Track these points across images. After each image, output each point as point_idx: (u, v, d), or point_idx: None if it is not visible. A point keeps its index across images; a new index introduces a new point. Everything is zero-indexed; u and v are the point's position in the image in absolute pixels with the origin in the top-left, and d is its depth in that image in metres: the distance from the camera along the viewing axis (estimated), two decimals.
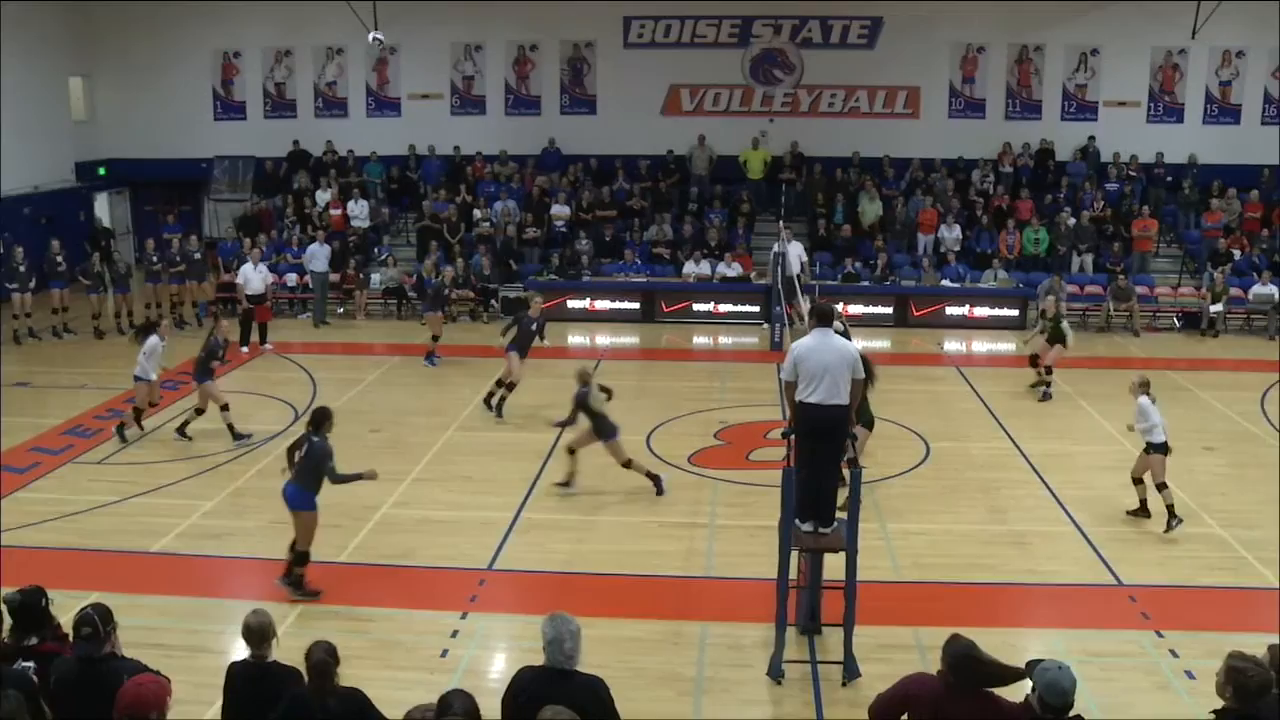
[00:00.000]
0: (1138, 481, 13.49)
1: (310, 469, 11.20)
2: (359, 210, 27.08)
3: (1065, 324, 19.22)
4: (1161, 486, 13.01)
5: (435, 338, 20.95)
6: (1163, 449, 13.13)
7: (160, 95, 29.60)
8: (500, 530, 13.08)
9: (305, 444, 11.30)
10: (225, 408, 16.19)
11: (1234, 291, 24.85)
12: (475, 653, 10.25)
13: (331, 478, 11.26)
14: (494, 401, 17.59)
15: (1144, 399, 13.22)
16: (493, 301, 25.13)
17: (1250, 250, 26.36)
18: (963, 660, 6.14)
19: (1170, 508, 12.93)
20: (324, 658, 6.35)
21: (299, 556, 11.24)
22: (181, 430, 16.30)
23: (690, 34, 29.04)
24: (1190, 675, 9.75)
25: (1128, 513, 13.56)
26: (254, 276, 21.96)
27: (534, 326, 17.67)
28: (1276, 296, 24.61)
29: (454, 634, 10.53)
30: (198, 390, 16.29)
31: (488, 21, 29.04)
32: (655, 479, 14.24)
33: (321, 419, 11.45)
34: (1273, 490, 14.54)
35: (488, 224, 26.78)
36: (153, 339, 16.22)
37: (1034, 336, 19.81)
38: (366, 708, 6.43)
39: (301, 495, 11.20)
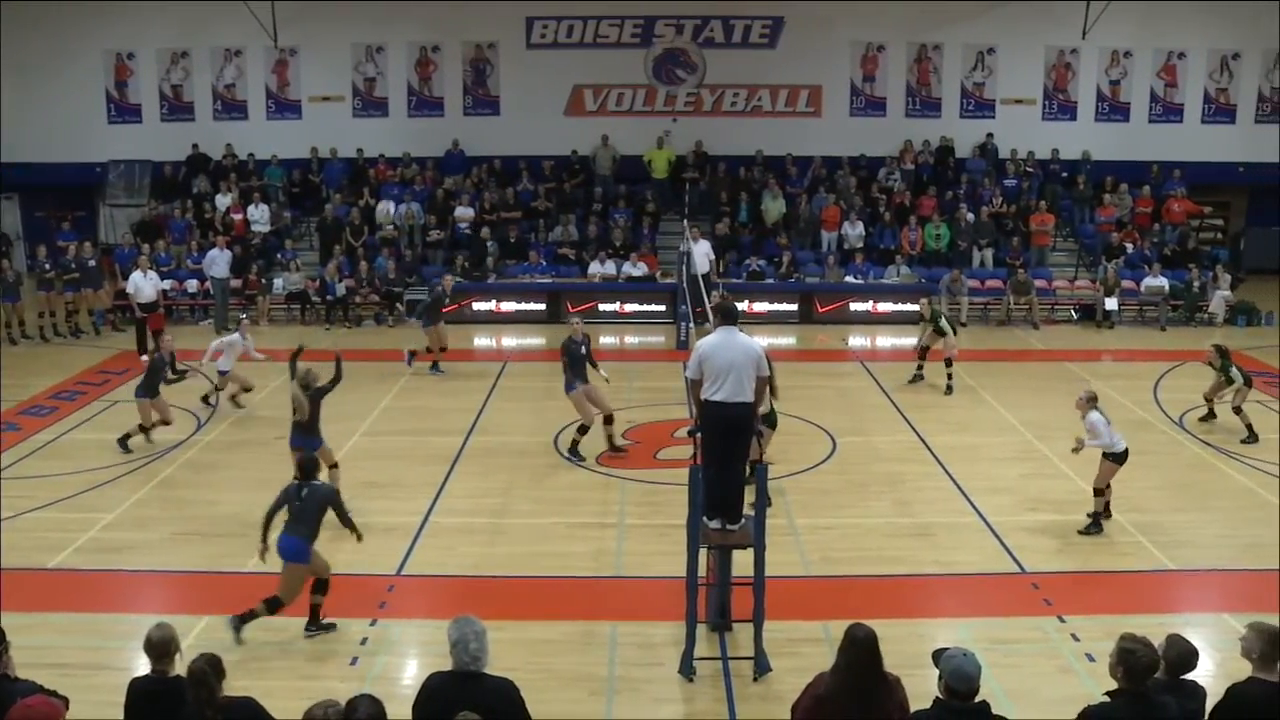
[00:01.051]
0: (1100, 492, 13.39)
1: (311, 516, 10.45)
2: (260, 214, 26.71)
3: (944, 321, 19.39)
4: (1099, 491, 13.16)
5: (441, 349, 20.38)
6: (1122, 458, 13.10)
7: (50, 98, 28.77)
8: (408, 535, 12.96)
9: (298, 493, 10.54)
10: (144, 430, 15.87)
11: (1127, 284, 25.47)
12: (386, 659, 10.14)
13: (343, 519, 10.76)
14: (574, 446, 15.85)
15: (1095, 415, 13.11)
16: (398, 305, 24.87)
17: (1142, 244, 27.12)
18: (860, 647, 6.19)
19: (1097, 515, 13.14)
20: (201, 666, 6.17)
21: (270, 605, 10.40)
22: (123, 441, 15.88)
23: (593, 34, 29.04)
24: (1090, 658, 9.96)
25: (1089, 515, 13.40)
26: (144, 285, 21.45)
27: (583, 350, 15.75)
28: (1167, 288, 25.29)
29: (363, 641, 10.42)
30: (139, 406, 15.93)
31: (389, 22, 28.72)
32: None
33: (312, 467, 10.99)
34: (1166, 476, 15.00)
35: (391, 227, 26.54)
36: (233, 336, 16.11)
37: (928, 333, 19.74)
38: (258, 714, 6.31)
39: (301, 546, 10.37)
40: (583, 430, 15.51)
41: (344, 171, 28.51)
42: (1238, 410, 16.75)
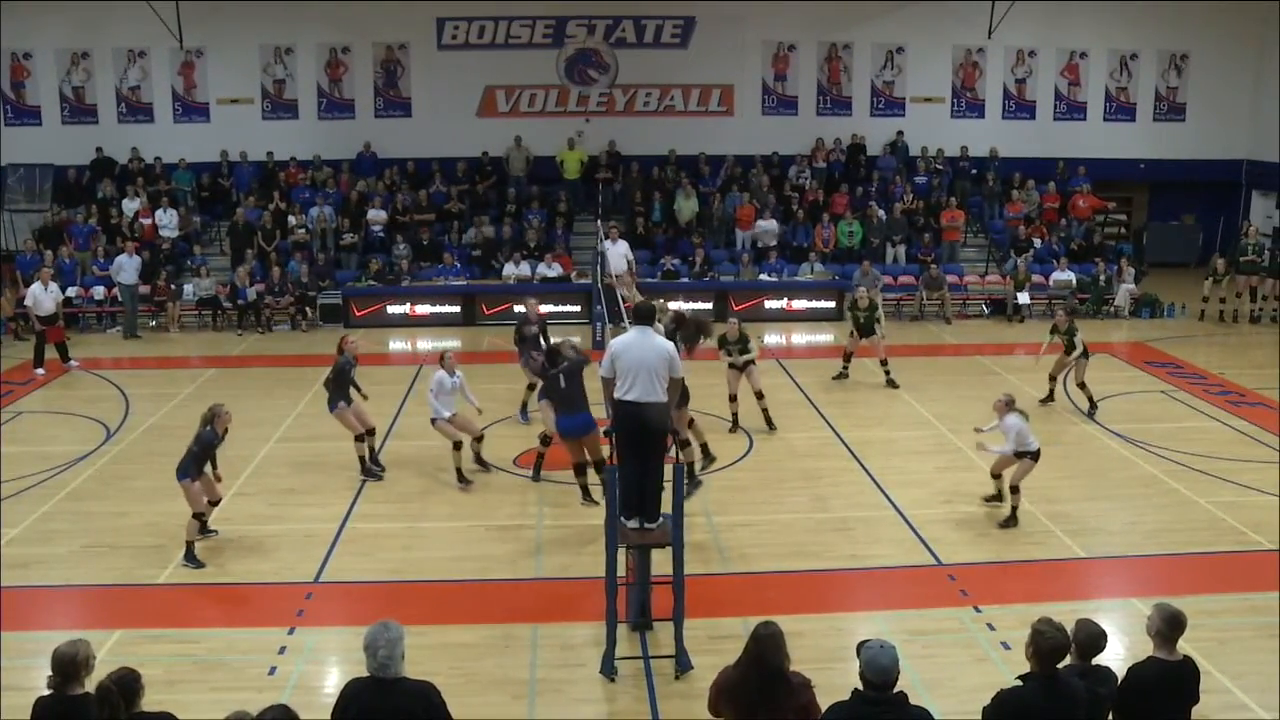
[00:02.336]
0: (997, 476, 13.65)
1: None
2: (168, 219, 26.20)
3: (880, 314, 19.64)
4: (1015, 490, 13.23)
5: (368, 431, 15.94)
6: (1036, 456, 13.20)
7: None
8: (326, 542, 12.81)
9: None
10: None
11: (1036, 278, 25.93)
12: (304, 668, 9.99)
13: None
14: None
15: (1013, 418, 13.15)
16: (309, 309, 24.57)
17: (1049, 238, 27.61)
18: (761, 644, 6.24)
19: (1015, 510, 13.27)
20: (107, 685, 6.04)
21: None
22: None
23: (504, 35, 28.92)
24: (1006, 646, 10.13)
25: (985, 499, 13.80)
26: (44, 297, 20.69)
27: (352, 371, 15.31)
28: (1074, 282, 25.79)
29: (281, 650, 10.26)
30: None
31: (297, 24, 28.39)
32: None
33: (212, 416, 12.44)
34: (1075, 465, 15.29)
35: (303, 230, 26.22)
36: (439, 374, 14.80)
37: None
38: None
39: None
40: (361, 438, 15.05)
41: (254, 175, 28.10)
42: (1081, 385, 17.63)
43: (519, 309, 20.64)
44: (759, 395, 16.71)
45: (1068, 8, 29.67)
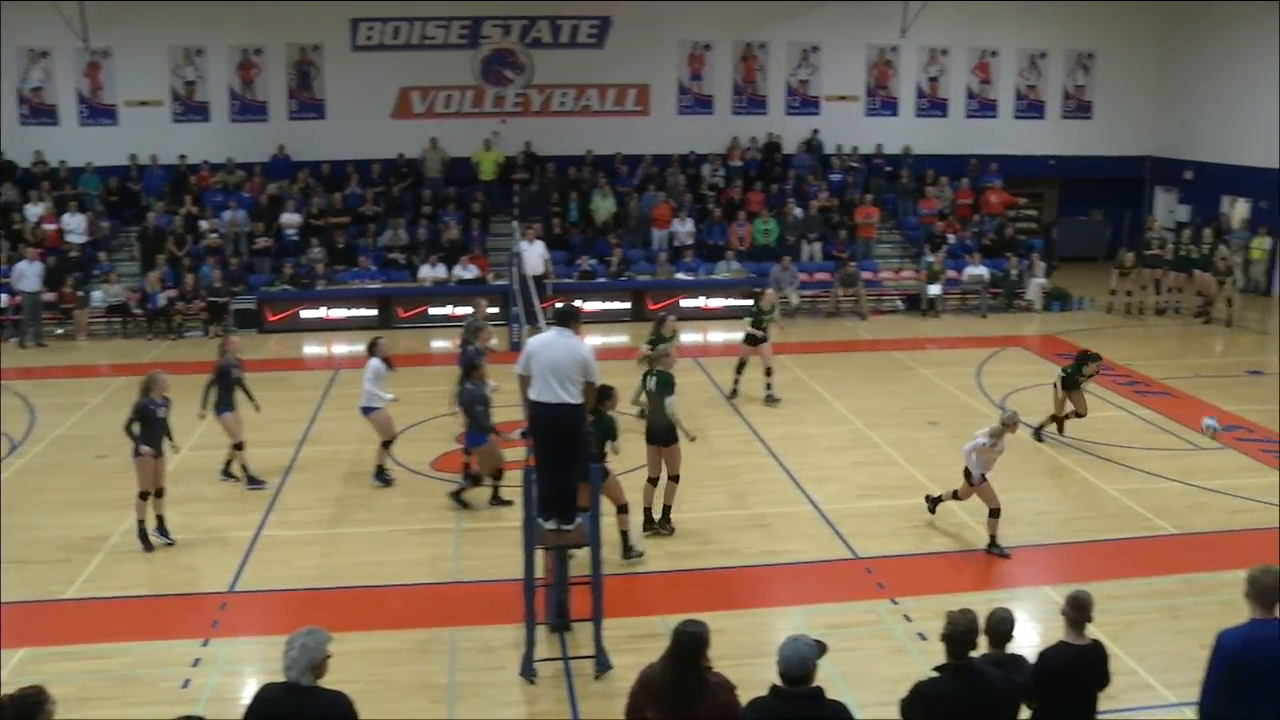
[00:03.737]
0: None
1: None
2: (75, 224, 25.60)
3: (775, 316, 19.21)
4: (957, 496, 13.00)
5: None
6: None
7: None
8: (240, 550, 12.64)
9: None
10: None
11: (949, 273, 26.30)
12: (220, 680, 9.85)
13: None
14: None
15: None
16: (222, 315, 24.20)
17: (963, 234, 28.02)
18: (680, 642, 6.26)
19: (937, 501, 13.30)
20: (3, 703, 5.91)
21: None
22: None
23: (419, 36, 28.71)
24: (923, 637, 10.29)
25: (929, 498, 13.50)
26: None
27: (236, 372, 14.91)
28: (987, 277, 26.20)
29: (195, 662, 10.12)
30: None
31: (208, 24, 27.80)
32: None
33: (150, 384, 12.59)
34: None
35: (216, 235, 25.82)
36: (374, 362, 14.60)
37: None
38: None
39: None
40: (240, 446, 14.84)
41: (165, 179, 27.56)
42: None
43: (465, 309, 20.23)
44: None
45: (978, 7, 30.15)
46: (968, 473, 12.54)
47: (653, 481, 12.97)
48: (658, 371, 12.88)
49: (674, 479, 12.93)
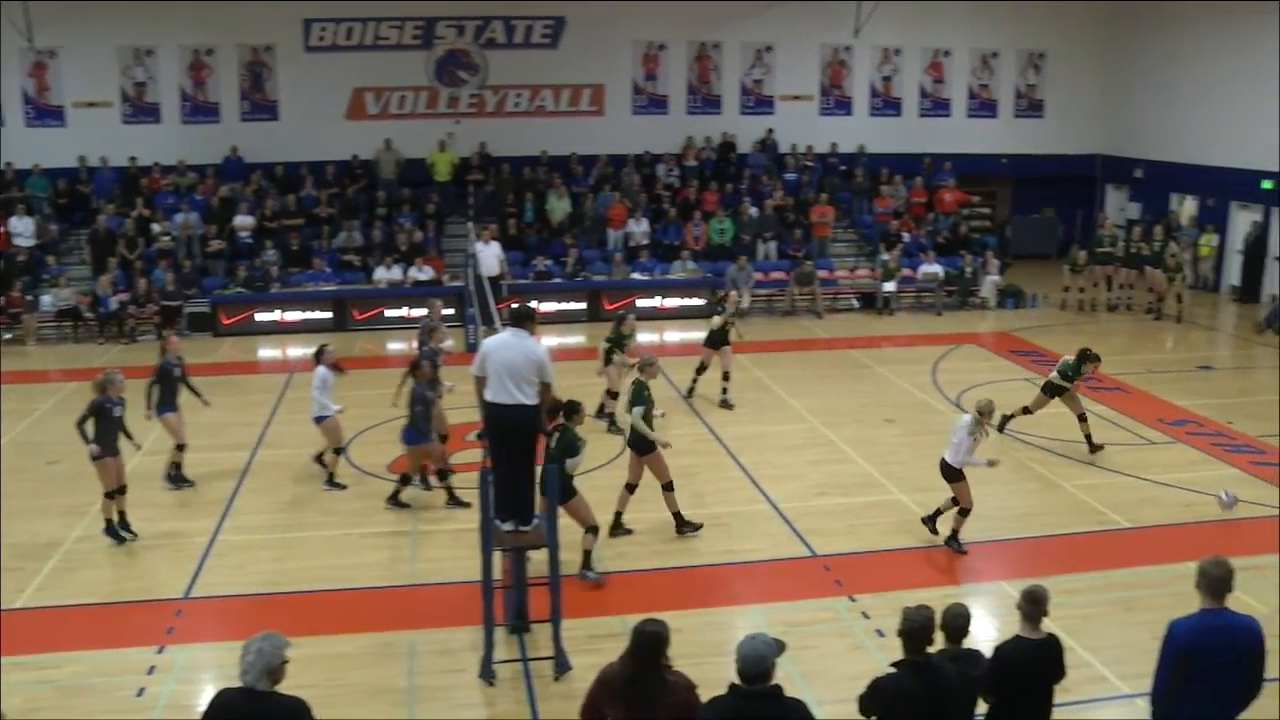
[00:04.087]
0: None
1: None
2: (23, 228, 25.27)
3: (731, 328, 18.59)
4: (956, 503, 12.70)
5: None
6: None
7: None
8: (196, 556, 12.51)
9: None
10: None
11: (904, 271, 26.46)
12: (175, 688, 9.74)
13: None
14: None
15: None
16: (178, 319, 23.97)
17: (917, 232, 28.20)
18: (639, 639, 6.26)
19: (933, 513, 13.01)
20: None
21: None
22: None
23: (373, 36, 28.54)
24: (880, 634, 10.33)
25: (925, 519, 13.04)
26: None
27: (178, 371, 15.00)
28: (941, 274, 26.38)
29: (150, 670, 10.00)
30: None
31: (158, 24, 27.50)
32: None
33: (105, 383, 12.60)
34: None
35: (168, 237, 25.56)
36: (322, 369, 14.50)
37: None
38: None
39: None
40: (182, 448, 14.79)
41: (115, 181, 27.25)
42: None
43: (420, 311, 20.11)
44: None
45: (931, 8, 30.35)
46: (956, 472, 12.33)
47: (629, 488, 12.97)
48: (635, 382, 12.89)
49: (665, 487, 12.92)
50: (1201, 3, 27.75)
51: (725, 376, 18.40)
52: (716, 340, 18.29)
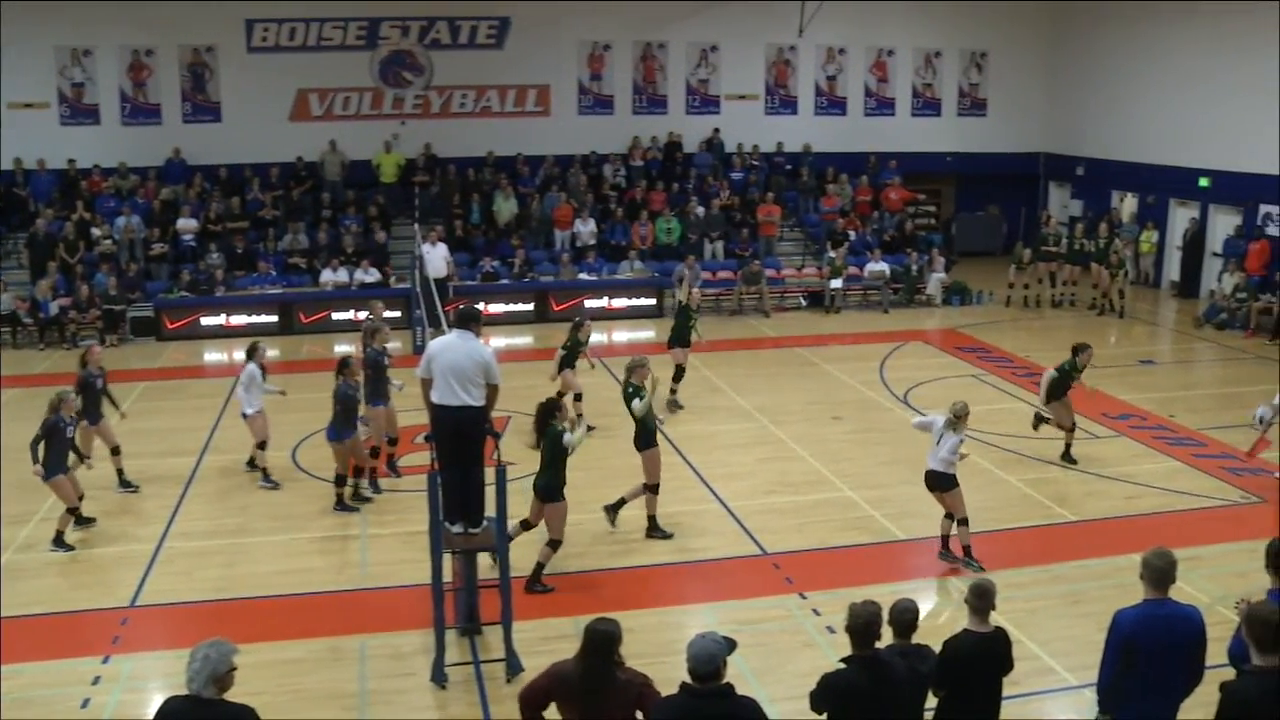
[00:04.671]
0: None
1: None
2: None
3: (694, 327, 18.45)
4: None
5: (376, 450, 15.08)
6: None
7: None
8: (142, 564, 12.36)
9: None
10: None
11: (851, 270, 26.60)
12: (122, 697, 9.62)
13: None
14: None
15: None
16: (120, 324, 23.65)
17: (863, 230, 28.38)
18: (590, 639, 6.27)
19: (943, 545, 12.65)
20: None
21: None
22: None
23: (316, 37, 28.29)
24: (831, 630, 10.38)
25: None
26: None
27: (99, 383, 14.94)
28: (888, 272, 26.55)
29: (96, 680, 9.86)
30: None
31: (95, 24, 27.05)
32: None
33: (59, 402, 12.67)
34: (894, 451, 15.71)
35: (110, 241, 25.20)
36: (250, 367, 14.69)
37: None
38: None
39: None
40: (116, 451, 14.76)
41: (53, 184, 26.83)
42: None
43: (363, 313, 19.94)
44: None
45: (874, 7, 30.56)
46: (949, 480, 12.04)
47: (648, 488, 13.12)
48: (628, 384, 12.91)
49: (650, 489, 13.02)
50: (1139, 3, 28.12)
51: (680, 374, 18.27)
52: (681, 339, 18.15)
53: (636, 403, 12.68)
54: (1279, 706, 5.89)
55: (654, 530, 13.02)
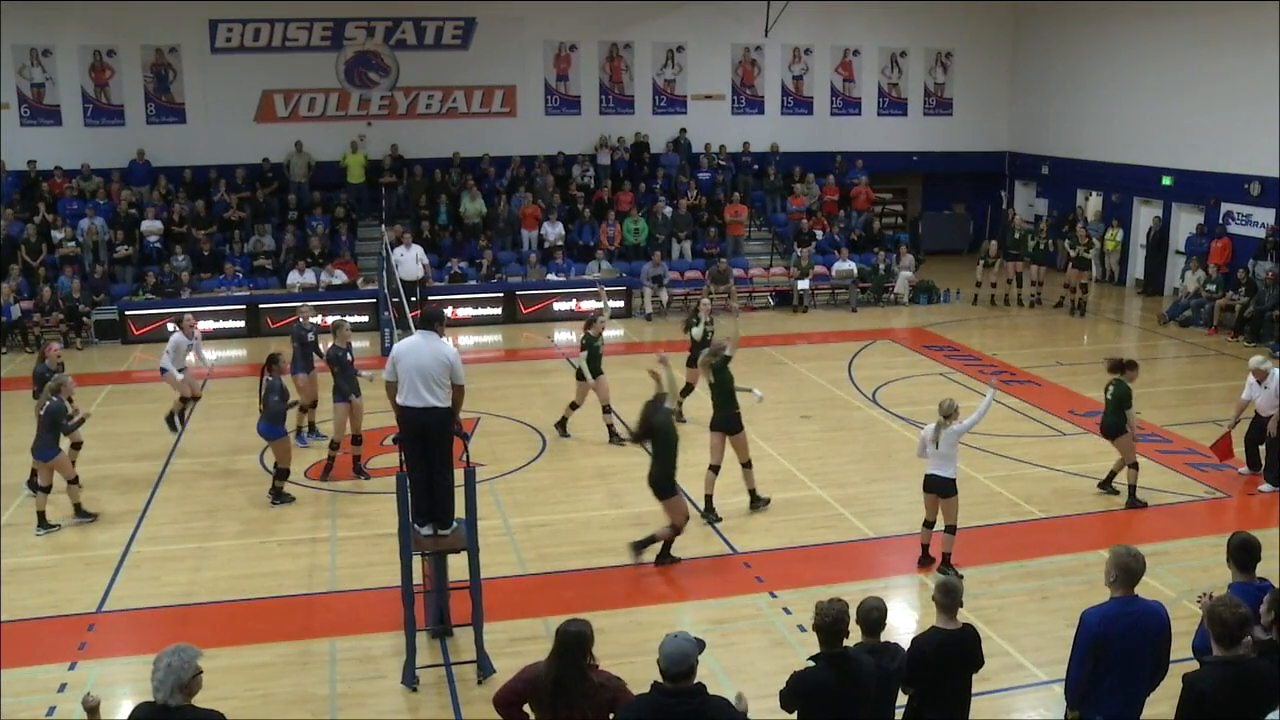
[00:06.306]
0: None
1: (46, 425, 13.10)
2: None
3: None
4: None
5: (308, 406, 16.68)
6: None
7: None
8: (108, 569, 12.25)
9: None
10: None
11: (819, 269, 26.68)
12: None
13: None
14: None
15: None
16: (85, 327, 23.41)
17: (831, 230, 28.46)
18: (562, 640, 6.25)
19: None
20: None
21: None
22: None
23: (281, 38, 28.12)
24: (802, 629, 10.39)
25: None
26: None
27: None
28: (855, 271, 26.65)
29: (61, 688, 9.76)
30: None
31: (55, 24, 26.74)
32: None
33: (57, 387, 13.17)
34: (862, 449, 15.80)
35: (73, 243, 24.97)
36: (176, 335, 16.52)
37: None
38: None
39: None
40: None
41: (14, 185, 26.51)
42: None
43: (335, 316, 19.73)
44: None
45: (840, 7, 30.70)
46: (951, 485, 11.76)
47: (714, 469, 13.53)
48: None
49: (745, 464, 13.76)
50: (1103, 3, 28.33)
51: (607, 409, 17.13)
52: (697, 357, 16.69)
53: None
54: (1239, 696, 5.98)
55: (757, 502, 13.77)
